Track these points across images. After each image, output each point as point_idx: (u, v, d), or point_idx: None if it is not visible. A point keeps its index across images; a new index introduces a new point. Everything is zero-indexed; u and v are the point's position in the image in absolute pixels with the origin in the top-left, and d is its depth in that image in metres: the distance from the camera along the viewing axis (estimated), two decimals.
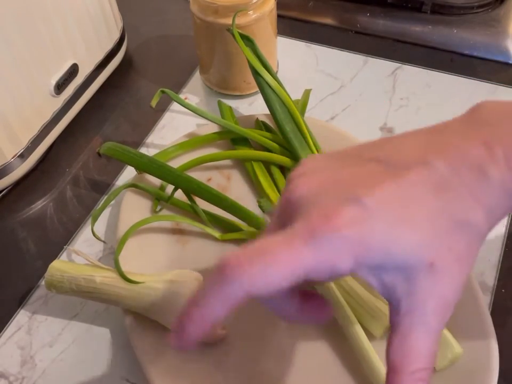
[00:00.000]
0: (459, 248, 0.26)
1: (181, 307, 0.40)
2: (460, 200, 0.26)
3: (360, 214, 0.25)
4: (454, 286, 0.26)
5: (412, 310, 0.26)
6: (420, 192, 0.26)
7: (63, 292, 0.43)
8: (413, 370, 0.26)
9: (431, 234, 0.26)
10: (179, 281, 0.41)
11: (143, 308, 0.41)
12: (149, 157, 0.48)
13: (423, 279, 0.26)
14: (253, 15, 0.53)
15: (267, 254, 0.25)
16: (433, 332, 0.26)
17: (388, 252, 0.25)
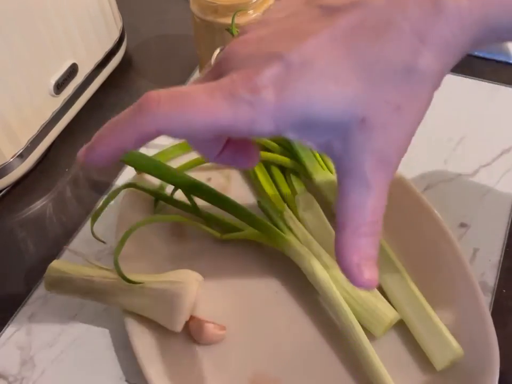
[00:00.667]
0: (398, 98, 0.25)
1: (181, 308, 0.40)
2: (401, 42, 0.24)
3: (281, 73, 0.24)
4: (392, 139, 0.25)
5: (349, 169, 0.26)
6: (353, 40, 0.24)
7: (63, 292, 0.43)
8: (356, 226, 0.26)
9: (362, 88, 0.24)
10: (179, 282, 0.41)
11: (142, 308, 0.41)
12: (148, 157, 0.48)
13: (356, 136, 0.25)
14: (252, 15, 0.53)
15: (187, 97, 0.24)
16: (372, 189, 0.26)
17: (311, 111, 0.24)
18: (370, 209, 0.26)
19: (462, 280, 0.42)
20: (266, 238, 0.45)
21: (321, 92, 0.24)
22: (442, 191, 0.51)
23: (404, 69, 0.24)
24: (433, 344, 0.40)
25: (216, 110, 0.24)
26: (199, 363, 0.42)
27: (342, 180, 0.26)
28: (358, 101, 0.24)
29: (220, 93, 0.24)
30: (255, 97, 0.24)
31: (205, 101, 0.24)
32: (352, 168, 0.26)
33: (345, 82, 0.24)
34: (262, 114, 0.24)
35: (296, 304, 0.44)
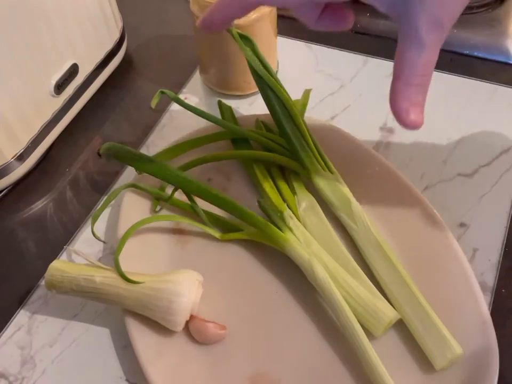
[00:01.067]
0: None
1: (181, 308, 0.40)
2: None
3: None
4: (446, 5, 0.29)
5: (407, 28, 0.30)
6: None
7: (63, 292, 0.43)
8: (408, 76, 0.31)
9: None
10: (179, 281, 0.41)
11: (143, 307, 0.41)
12: (149, 157, 0.48)
13: (414, 1, 0.29)
14: (253, 15, 0.53)
15: None
16: (426, 47, 0.30)
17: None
18: (422, 63, 0.30)
19: (462, 280, 0.42)
20: (266, 238, 0.45)
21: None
22: (441, 191, 0.51)
23: None
24: (433, 344, 0.40)
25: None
26: (199, 363, 0.42)
27: (401, 38, 0.31)
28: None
29: None
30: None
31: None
32: (410, 28, 0.30)
33: None
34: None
35: (296, 304, 0.44)
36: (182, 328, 0.42)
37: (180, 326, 0.41)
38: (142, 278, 0.42)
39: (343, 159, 0.50)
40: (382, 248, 0.44)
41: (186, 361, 0.42)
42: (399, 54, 0.31)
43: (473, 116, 0.57)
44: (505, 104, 0.58)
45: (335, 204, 0.47)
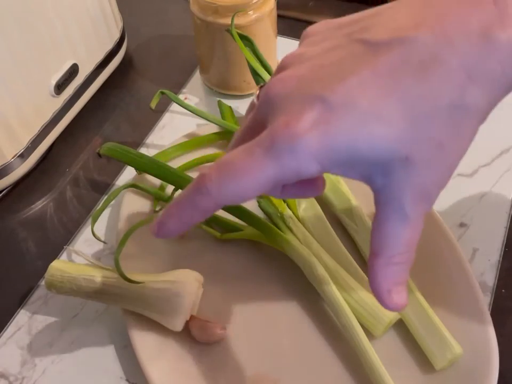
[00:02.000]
0: (442, 135, 0.24)
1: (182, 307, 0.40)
2: (448, 79, 0.24)
3: (323, 115, 0.24)
4: (433, 175, 0.25)
5: (388, 201, 0.26)
6: (397, 77, 0.24)
7: (63, 292, 0.43)
8: (389, 256, 0.27)
9: (406, 127, 0.24)
10: (179, 281, 0.41)
11: (143, 307, 0.41)
12: (149, 157, 0.48)
13: (398, 172, 0.25)
14: (253, 15, 0.53)
15: (232, 167, 0.25)
16: (409, 221, 0.26)
17: (354, 151, 0.24)
18: (405, 240, 0.26)
19: (462, 280, 0.42)
20: (266, 238, 0.45)
21: (364, 133, 0.24)
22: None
23: (450, 106, 0.24)
24: (433, 344, 0.40)
25: (261, 169, 0.25)
26: (199, 363, 0.42)
27: (380, 209, 0.26)
28: (401, 140, 0.24)
29: (260, 150, 0.25)
30: (297, 145, 0.24)
31: (248, 165, 0.25)
32: (391, 200, 0.26)
33: (389, 122, 0.24)
34: (306, 160, 0.24)
35: (296, 304, 0.44)
36: (182, 328, 0.42)
37: (180, 326, 0.41)
38: (142, 278, 0.42)
39: None
40: None
41: (186, 361, 0.42)
42: (377, 225, 0.27)
43: None
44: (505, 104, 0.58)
45: (335, 204, 0.47)
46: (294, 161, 0.24)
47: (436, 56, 0.24)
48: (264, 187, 0.25)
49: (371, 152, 0.24)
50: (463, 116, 0.24)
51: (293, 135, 0.24)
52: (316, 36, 0.29)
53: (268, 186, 0.25)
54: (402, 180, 0.25)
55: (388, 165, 0.25)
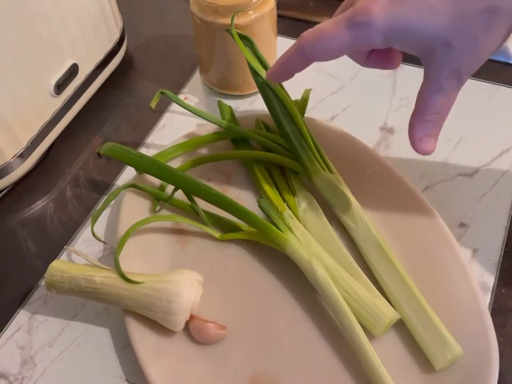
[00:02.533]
0: (478, 31, 0.33)
1: (181, 308, 0.40)
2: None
3: (392, 2, 0.33)
4: (467, 60, 0.34)
5: (431, 74, 0.35)
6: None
7: (63, 292, 0.43)
8: (425, 113, 0.36)
9: (451, 20, 0.32)
10: (179, 281, 0.41)
11: (143, 307, 0.41)
12: (149, 157, 0.48)
13: (440, 52, 0.34)
14: (253, 15, 0.53)
15: (323, 32, 0.35)
16: (444, 91, 0.35)
17: (411, 32, 0.33)
18: (439, 104, 0.36)
19: (462, 280, 0.42)
20: (266, 238, 0.45)
21: (420, 20, 0.33)
22: (441, 191, 0.51)
23: (488, 8, 0.32)
24: (433, 344, 0.40)
25: (342, 36, 0.34)
26: (199, 363, 0.42)
27: (425, 80, 0.36)
28: (447, 29, 0.33)
29: (343, 22, 0.34)
30: (369, 21, 0.33)
31: (333, 31, 0.35)
32: (433, 74, 0.35)
33: (439, 14, 0.32)
34: (374, 32, 0.33)
35: (296, 304, 0.44)
36: (182, 328, 0.42)
37: (180, 326, 0.41)
38: (142, 278, 0.42)
39: (343, 159, 0.50)
40: (382, 248, 0.44)
41: (186, 361, 0.42)
42: (421, 90, 0.36)
43: (473, 116, 0.57)
44: (505, 104, 0.58)
45: (335, 204, 0.47)
46: (364, 32, 0.34)
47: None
48: (344, 49, 0.35)
49: (423, 35, 0.33)
50: (497, 18, 0.32)
51: (367, 13, 0.33)
52: None
53: (347, 49, 0.35)
54: (442, 59, 0.34)
55: (435, 44, 0.33)
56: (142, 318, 0.42)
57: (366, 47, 0.38)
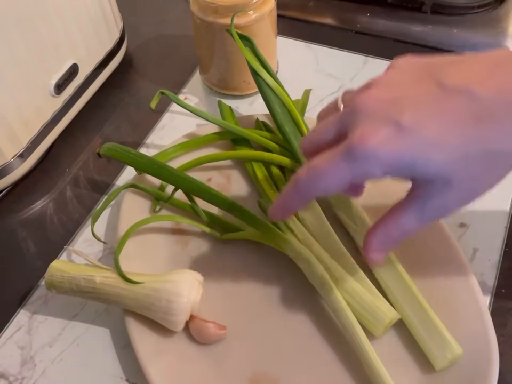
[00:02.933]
0: (479, 172, 0.31)
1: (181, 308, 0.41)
2: (498, 129, 0.30)
3: (394, 134, 0.30)
4: (460, 197, 0.32)
5: (418, 199, 0.33)
6: (460, 120, 0.30)
7: (63, 292, 0.43)
8: (391, 234, 0.34)
9: (456, 158, 0.30)
10: (179, 281, 0.41)
11: (143, 308, 0.41)
12: (149, 157, 0.48)
13: (437, 186, 0.31)
14: (253, 15, 0.53)
15: (317, 171, 0.32)
16: (425, 221, 0.33)
17: (413, 167, 0.31)
18: (413, 229, 0.34)
19: (462, 280, 0.42)
20: (266, 238, 0.45)
21: (424, 156, 0.30)
22: None
23: (493, 152, 0.30)
24: (433, 344, 0.40)
25: (340, 173, 0.32)
26: (199, 363, 0.42)
27: (407, 200, 0.33)
28: (449, 167, 0.30)
29: (340, 157, 0.31)
30: (369, 154, 0.30)
31: (331, 169, 0.32)
32: (421, 199, 0.32)
33: (444, 151, 0.30)
34: (374, 166, 0.31)
35: (296, 304, 0.44)
36: (182, 328, 0.42)
37: (179, 326, 0.41)
38: (142, 278, 0.42)
39: None
40: None
41: (186, 361, 0.42)
42: (400, 207, 0.34)
43: None
44: None
45: (335, 204, 0.47)
46: (365, 167, 0.31)
47: (493, 113, 0.30)
48: (342, 185, 0.32)
49: (425, 170, 0.31)
50: (500, 161, 0.31)
51: (367, 146, 0.30)
52: (405, 66, 0.35)
53: (346, 185, 0.32)
54: (437, 192, 0.32)
55: (434, 179, 0.31)
56: (142, 318, 0.42)
57: (365, 181, 0.36)
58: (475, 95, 0.30)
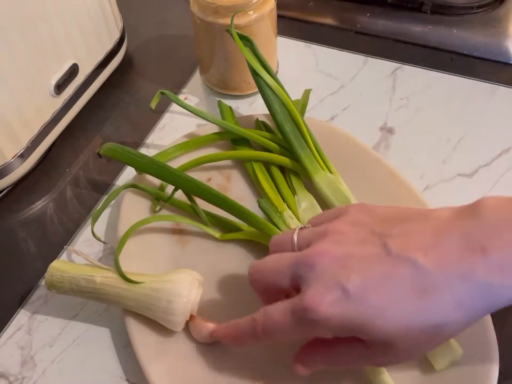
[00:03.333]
0: (422, 339, 0.32)
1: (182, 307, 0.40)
2: (439, 300, 0.31)
3: (341, 298, 0.32)
4: (399, 358, 0.34)
5: (362, 350, 0.34)
6: (402, 291, 0.32)
7: (63, 292, 0.43)
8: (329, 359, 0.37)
9: (400, 328, 0.32)
10: (179, 281, 0.41)
11: (143, 307, 0.41)
12: (149, 157, 0.48)
13: (380, 348, 0.33)
14: (253, 15, 0.53)
15: (272, 325, 0.35)
16: (367, 360, 0.35)
17: (359, 332, 0.33)
18: (347, 365, 0.37)
19: None
20: (266, 238, 0.45)
21: (368, 323, 0.32)
22: (441, 191, 0.51)
23: (439, 324, 0.31)
24: None
25: (291, 331, 0.35)
26: (199, 363, 0.42)
27: (349, 342, 0.35)
28: (394, 335, 0.32)
29: (292, 317, 0.34)
30: (319, 319, 0.32)
31: (283, 328, 0.35)
32: (364, 352, 0.34)
33: (388, 321, 0.32)
34: (324, 330, 0.33)
35: None
36: (182, 328, 0.42)
37: (180, 326, 0.41)
38: (142, 278, 0.42)
39: (343, 159, 0.50)
40: None
41: (186, 361, 0.42)
42: (344, 345, 0.35)
43: (473, 116, 0.57)
44: (505, 104, 0.58)
45: (335, 204, 0.47)
46: (314, 329, 0.34)
47: (435, 285, 0.31)
48: (289, 338, 0.36)
49: (370, 334, 0.32)
50: (440, 330, 0.32)
51: (317, 311, 0.32)
52: (356, 218, 0.37)
53: (293, 338, 0.36)
54: (380, 351, 0.33)
55: (377, 341, 0.33)
56: (142, 318, 0.42)
57: (311, 337, 0.37)
58: (418, 265, 0.31)
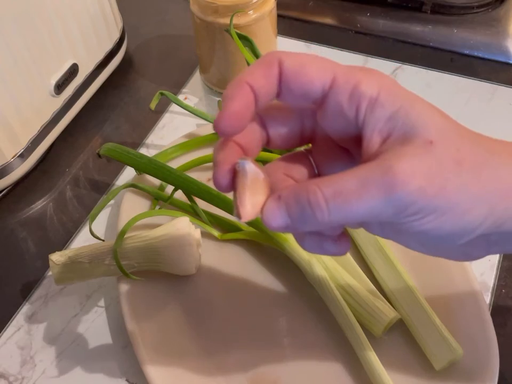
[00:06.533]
0: (466, 152, 0.28)
1: (192, 253, 0.40)
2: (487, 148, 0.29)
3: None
4: (430, 164, 0.26)
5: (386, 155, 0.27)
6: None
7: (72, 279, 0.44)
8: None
9: (450, 127, 0.29)
10: (184, 232, 0.43)
11: (155, 262, 0.43)
12: (148, 157, 0.48)
13: (416, 145, 0.27)
14: (253, 15, 0.53)
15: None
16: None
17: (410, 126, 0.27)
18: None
19: (462, 280, 0.42)
20: (266, 238, 0.45)
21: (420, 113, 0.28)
22: None
23: (485, 145, 0.30)
24: (433, 344, 0.40)
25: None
26: (199, 363, 0.42)
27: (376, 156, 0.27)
28: (441, 131, 0.28)
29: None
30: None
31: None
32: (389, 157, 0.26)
33: (442, 117, 0.30)
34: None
35: (296, 304, 0.44)
36: (195, 271, 0.44)
37: (194, 270, 0.44)
38: (142, 235, 0.44)
39: None
40: (382, 248, 0.44)
41: (186, 361, 0.42)
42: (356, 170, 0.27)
43: (473, 116, 0.57)
44: (505, 104, 0.58)
45: None
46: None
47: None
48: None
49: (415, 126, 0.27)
50: (485, 155, 0.29)
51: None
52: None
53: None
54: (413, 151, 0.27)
55: (418, 136, 0.27)
56: (142, 317, 0.42)
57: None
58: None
